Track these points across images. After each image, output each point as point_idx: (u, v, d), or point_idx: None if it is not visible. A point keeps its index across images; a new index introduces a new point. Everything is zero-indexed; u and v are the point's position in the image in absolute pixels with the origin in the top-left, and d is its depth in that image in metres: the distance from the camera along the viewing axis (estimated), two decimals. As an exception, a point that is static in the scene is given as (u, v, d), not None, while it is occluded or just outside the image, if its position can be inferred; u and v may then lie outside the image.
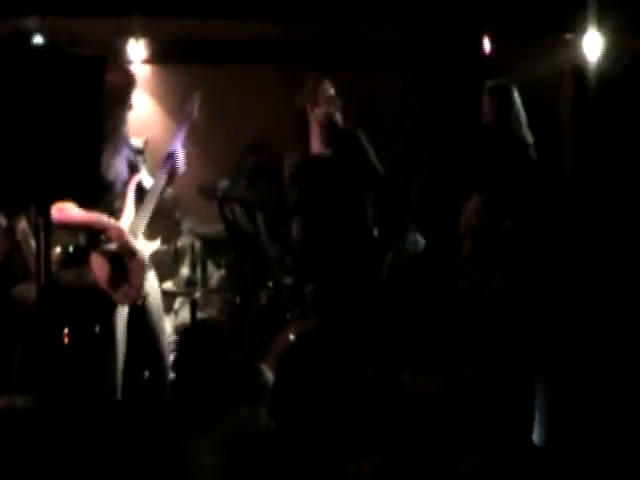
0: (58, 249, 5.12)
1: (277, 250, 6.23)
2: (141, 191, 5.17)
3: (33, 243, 5.50)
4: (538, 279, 5.56)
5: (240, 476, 4.19)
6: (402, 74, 7.53)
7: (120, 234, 4.94)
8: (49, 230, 3.51)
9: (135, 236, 5.01)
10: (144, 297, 5.03)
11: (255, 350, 5.62)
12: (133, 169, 5.14)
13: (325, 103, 5.15)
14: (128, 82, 5.04)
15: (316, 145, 5.20)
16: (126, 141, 5.17)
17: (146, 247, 5.07)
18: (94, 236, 4.94)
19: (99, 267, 4.90)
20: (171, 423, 3.75)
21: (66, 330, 5.20)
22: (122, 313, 4.98)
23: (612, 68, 6.71)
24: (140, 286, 4.98)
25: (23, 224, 5.67)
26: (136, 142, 5.67)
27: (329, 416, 5.53)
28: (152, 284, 5.17)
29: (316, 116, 5.18)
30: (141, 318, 5.05)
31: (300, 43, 7.41)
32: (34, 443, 3.31)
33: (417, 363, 5.75)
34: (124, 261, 4.95)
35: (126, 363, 5.00)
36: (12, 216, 5.64)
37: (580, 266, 6.52)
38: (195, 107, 5.29)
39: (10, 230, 5.70)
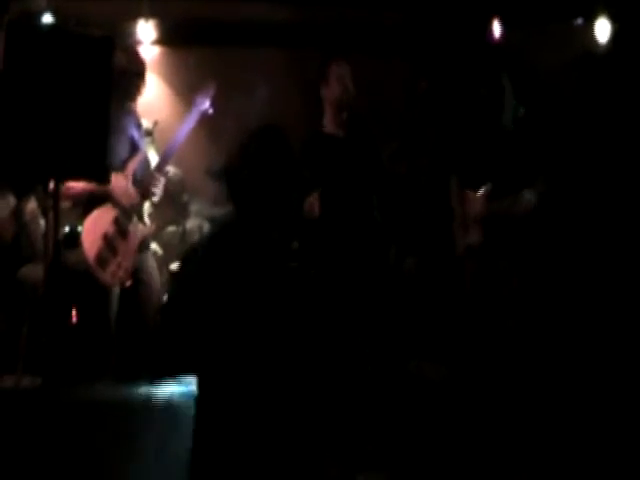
0: (66, 228, 5.15)
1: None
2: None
3: (42, 223, 5.52)
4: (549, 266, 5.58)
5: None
6: (408, 60, 7.51)
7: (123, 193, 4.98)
8: (58, 211, 3.51)
9: (130, 219, 5.03)
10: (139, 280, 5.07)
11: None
12: (135, 149, 5.15)
13: (336, 83, 5.11)
14: (135, 65, 5.05)
15: (329, 125, 5.17)
16: (135, 120, 5.19)
17: (139, 231, 5.09)
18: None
19: (90, 244, 4.93)
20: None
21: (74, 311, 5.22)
22: (113, 292, 5.02)
23: (620, 54, 6.69)
24: (128, 268, 5.00)
25: (32, 205, 5.68)
26: (145, 124, 5.68)
27: (332, 402, 5.56)
28: (148, 267, 5.19)
29: (326, 96, 5.15)
30: (133, 300, 5.08)
31: (310, 26, 7.39)
32: (41, 424, 3.31)
33: (423, 350, 5.76)
34: (115, 242, 4.98)
35: (120, 345, 5.04)
36: (21, 197, 5.65)
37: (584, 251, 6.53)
38: (208, 99, 5.29)
39: (19, 211, 5.71)
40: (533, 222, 5.29)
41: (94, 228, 4.99)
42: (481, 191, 5.26)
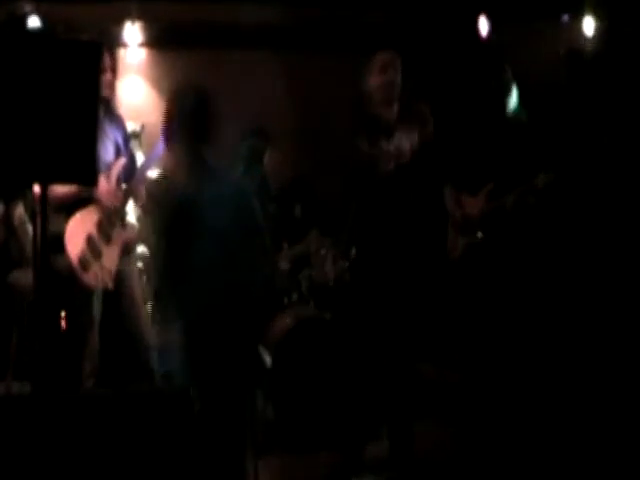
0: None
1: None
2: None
3: (30, 229, 5.50)
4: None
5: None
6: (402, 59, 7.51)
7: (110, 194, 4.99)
8: (46, 216, 3.50)
9: (113, 223, 5.03)
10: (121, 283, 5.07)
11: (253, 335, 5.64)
12: (119, 153, 5.14)
13: (378, 74, 5.00)
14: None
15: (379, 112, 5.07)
16: (119, 124, 5.18)
17: (122, 235, 5.08)
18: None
19: (72, 246, 4.93)
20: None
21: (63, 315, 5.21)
22: (97, 294, 5.02)
23: (606, 51, 6.71)
24: (112, 271, 4.99)
25: (20, 210, 5.67)
26: (132, 126, 5.67)
27: (326, 399, 5.57)
28: (130, 271, 5.18)
29: (371, 88, 5.04)
30: (116, 303, 5.08)
31: (297, 27, 7.39)
32: (31, 430, 3.30)
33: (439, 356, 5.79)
34: (99, 245, 4.98)
35: (102, 348, 5.04)
36: (9, 202, 5.64)
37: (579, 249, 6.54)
38: None
39: (7, 216, 5.69)
40: (533, 220, 5.30)
41: (77, 230, 4.98)
42: (481, 191, 5.26)
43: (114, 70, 5.18)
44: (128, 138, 5.35)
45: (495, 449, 5.05)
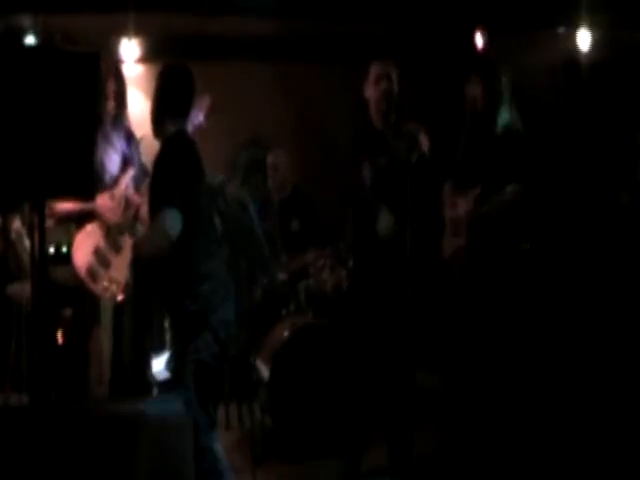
0: (51, 249, 5.15)
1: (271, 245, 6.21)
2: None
3: (27, 242, 5.51)
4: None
5: None
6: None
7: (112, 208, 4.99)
8: (43, 228, 3.51)
9: (122, 233, 5.04)
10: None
11: (250, 346, 5.65)
12: (127, 164, 5.15)
13: (373, 85, 4.99)
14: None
15: (376, 123, 5.06)
16: (126, 134, 5.20)
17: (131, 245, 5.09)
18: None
19: (81, 258, 4.94)
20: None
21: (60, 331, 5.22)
22: (107, 306, 5.02)
23: (603, 62, 6.73)
24: (121, 282, 4.99)
25: (17, 223, 5.67)
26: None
27: (324, 410, 5.56)
28: None
29: (369, 99, 5.03)
30: (126, 312, 5.09)
31: (295, 39, 7.41)
32: (30, 442, 3.30)
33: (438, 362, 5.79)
34: (107, 256, 4.98)
35: (113, 357, 5.05)
36: (6, 215, 5.64)
37: (574, 253, 6.55)
38: (202, 112, 5.25)
39: (4, 229, 5.70)
40: (519, 222, 5.30)
41: (85, 242, 5.00)
42: (470, 194, 5.25)
43: (120, 98, 5.19)
44: (137, 148, 5.36)
45: (494, 455, 5.06)
